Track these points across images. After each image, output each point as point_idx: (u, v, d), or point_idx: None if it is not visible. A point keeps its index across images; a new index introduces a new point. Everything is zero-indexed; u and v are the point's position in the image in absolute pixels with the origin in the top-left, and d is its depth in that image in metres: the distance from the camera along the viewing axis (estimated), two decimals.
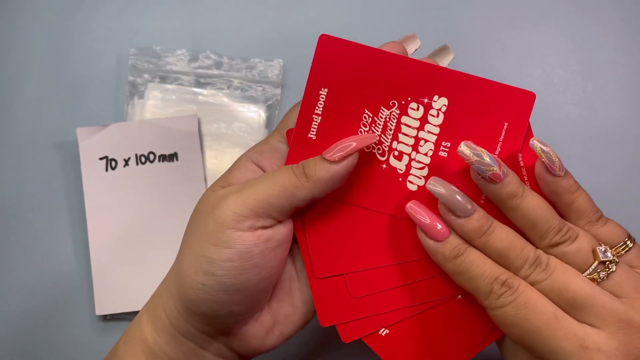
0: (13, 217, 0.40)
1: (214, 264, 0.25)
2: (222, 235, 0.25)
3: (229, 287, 0.26)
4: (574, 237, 0.26)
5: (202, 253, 0.26)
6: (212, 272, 0.26)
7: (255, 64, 0.41)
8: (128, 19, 0.43)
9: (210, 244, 0.26)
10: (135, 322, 0.29)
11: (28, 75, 0.42)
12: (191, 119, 0.40)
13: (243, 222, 0.26)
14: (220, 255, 0.25)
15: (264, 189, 0.26)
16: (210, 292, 0.26)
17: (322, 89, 0.27)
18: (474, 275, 0.25)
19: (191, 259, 0.26)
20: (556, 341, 0.24)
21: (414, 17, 0.43)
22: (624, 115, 0.41)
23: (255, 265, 0.26)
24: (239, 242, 0.25)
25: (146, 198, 0.39)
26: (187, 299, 0.26)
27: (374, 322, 0.28)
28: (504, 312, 0.24)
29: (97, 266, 0.38)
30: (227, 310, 0.27)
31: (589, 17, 0.42)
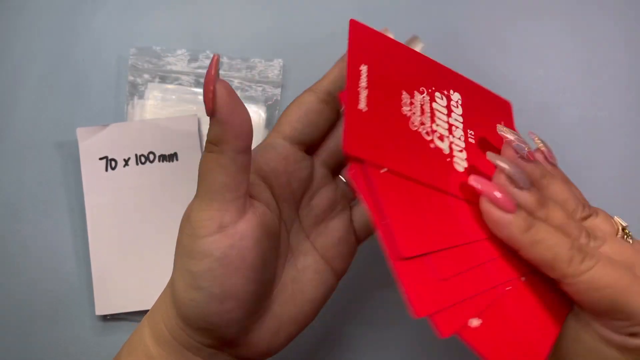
0: (13, 217, 0.40)
1: (197, 277, 0.25)
2: (196, 247, 0.25)
3: (218, 295, 0.25)
4: (595, 209, 0.27)
5: (185, 269, 0.26)
6: (198, 286, 0.25)
7: (255, 64, 0.41)
8: (128, 19, 0.43)
9: (190, 258, 0.25)
10: (137, 334, 0.29)
11: (28, 75, 0.42)
12: (191, 119, 0.40)
13: (210, 225, 0.25)
14: (201, 266, 0.25)
15: (208, 182, 0.25)
16: (203, 306, 0.25)
17: (362, 65, 0.27)
18: (552, 244, 0.23)
19: (179, 277, 0.26)
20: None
21: (414, 16, 0.43)
22: (624, 116, 0.41)
23: (237, 269, 0.25)
24: (214, 248, 0.25)
25: (146, 198, 0.39)
26: (185, 317, 0.26)
27: (465, 309, 0.25)
28: (592, 275, 0.23)
29: (97, 266, 0.38)
30: (225, 319, 0.26)
31: (590, 17, 0.42)
